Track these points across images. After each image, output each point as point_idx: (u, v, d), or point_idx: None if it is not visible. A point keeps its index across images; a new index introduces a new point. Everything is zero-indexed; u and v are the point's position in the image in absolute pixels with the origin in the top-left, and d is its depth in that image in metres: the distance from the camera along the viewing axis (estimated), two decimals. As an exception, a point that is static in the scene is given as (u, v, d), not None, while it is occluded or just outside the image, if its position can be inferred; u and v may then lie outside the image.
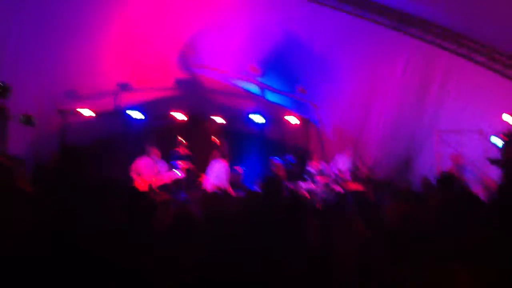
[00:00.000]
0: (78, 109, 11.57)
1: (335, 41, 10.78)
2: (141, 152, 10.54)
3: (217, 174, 10.23)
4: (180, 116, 12.32)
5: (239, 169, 10.84)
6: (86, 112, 11.65)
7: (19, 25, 9.25)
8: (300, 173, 11.27)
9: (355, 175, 10.78)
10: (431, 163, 10.94)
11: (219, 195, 5.78)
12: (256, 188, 9.61)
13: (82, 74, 10.76)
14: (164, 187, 10.28)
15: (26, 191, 3.33)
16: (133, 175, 10.18)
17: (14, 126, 9.22)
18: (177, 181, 10.75)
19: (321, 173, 10.78)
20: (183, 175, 10.68)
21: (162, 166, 10.46)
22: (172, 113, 12.26)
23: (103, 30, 10.22)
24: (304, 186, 10.43)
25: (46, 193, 3.59)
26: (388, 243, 3.35)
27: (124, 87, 11.77)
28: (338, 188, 10.14)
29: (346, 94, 11.63)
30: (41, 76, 10.29)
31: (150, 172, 10.17)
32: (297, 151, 12.40)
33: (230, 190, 9.94)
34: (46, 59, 10.09)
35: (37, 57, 9.99)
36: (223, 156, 10.56)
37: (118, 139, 12.38)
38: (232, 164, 11.09)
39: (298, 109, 12.75)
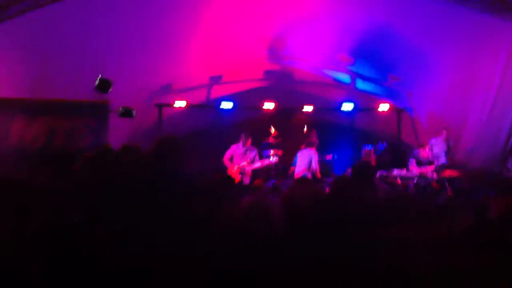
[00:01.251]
0: (174, 102, 12.02)
1: (430, 28, 10.36)
2: (233, 142, 10.77)
3: (307, 161, 10.23)
4: (270, 106, 12.43)
5: (329, 157, 10.75)
6: (181, 104, 12.08)
7: (120, 23, 9.75)
8: (392, 161, 11.01)
9: (451, 160, 10.35)
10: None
11: (308, 180, 5.71)
12: (347, 173, 9.57)
13: (176, 68, 11.16)
14: (256, 174, 10.42)
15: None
16: (226, 162, 10.42)
17: (114, 119, 9.79)
18: (268, 169, 10.87)
19: (430, 161, 10.39)
20: (274, 162, 10.77)
21: (254, 153, 10.62)
22: (262, 104, 12.40)
23: (194, 25, 10.52)
24: (397, 173, 10.16)
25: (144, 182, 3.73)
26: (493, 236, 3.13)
27: (216, 80, 12.07)
28: (433, 175, 9.77)
29: (443, 81, 11.15)
30: (139, 71, 10.80)
31: (242, 159, 10.37)
32: (389, 140, 12.11)
33: (319, 176, 9.91)
34: (144, 55, 10.58)
35: (135, 54, 10.49)
36: (311, 145, 10.52)
37: (210, 131, 12.74)
38: (322, 153, 11.04)
39: (390, 97, 12.44)
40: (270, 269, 2.42)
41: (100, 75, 9.22)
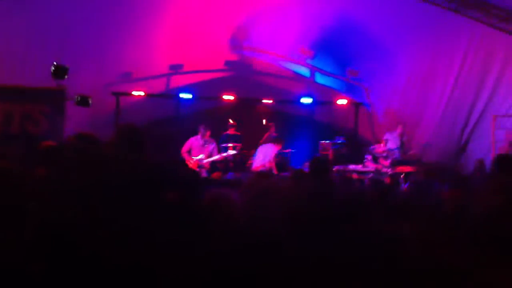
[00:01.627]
0: (132, 91, 11.84)
1: (390, 23, 10.57)
2: (192, 133, 10.70)
3: (264, 155, 10.28)
4: (230, 97, 12.41)
5: (287, 151, 10.83)
6: (139, 94, 11.91)
7: (78, 10, 9.53)
8: (350, 156, 11.19)
9: (405, 155, 10.61)
10: (487, 147, 10.64)
11: (265, 174, 5.74)
12: (304, 168, 9.67)
13: (135, 56, 11.00)
14: (214, 167, 10.40)
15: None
16: (184, 154, 10.36)
17: (71, 107, 9.57)
18: (226, 161, 10.87)
19: (386, 156, 10.60)
20: (232, 155, 10.79)
21: (213, 146, 10.60)
22: (222, 94, 12.37)
23: (157, 13, 10.38)
24: (353, 167, 10.34)
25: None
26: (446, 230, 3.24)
27: (176, 68, 11.95)
28: (388, 170, 10.00)
29: (401, 76, 11.41)
30: (96, 59, 10.59)
31: (200, 151, 10.33)
32: (347, 134, 12.30)
33: (275, 170, 9.98)
34: (101, 43, 10.37)
35: (93, 41, 10.28)
36: (273, 141, 10.56)
37: (169, 120, 12.63)
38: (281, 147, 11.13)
39: (348, 92, 12.63)
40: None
41: (55, 62, 9.00)
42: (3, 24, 9.06)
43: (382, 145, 10.61)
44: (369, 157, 10.60)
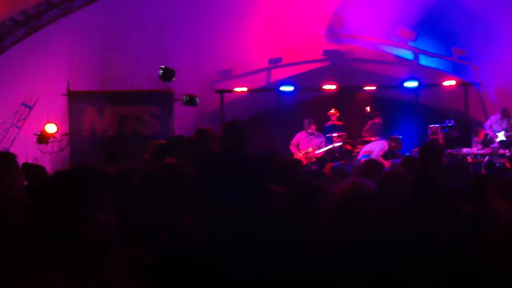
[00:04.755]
0: (234, 88, 12.12)
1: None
2: (295, 124, 10.77)
3: (370, 148, 10.10)
4: (331, 87, 12.29)
5: (395, 137, 10.51)
6: (241, 90, 12.16)
7: (180, 12, 9.92)
8: (461, 138, 10.68)
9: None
10: None
11: (373, 162, 5.60)
12: (413, 154, 9.36)
13: (236, 53, 11.24)
14: (321, 159, 10.40)
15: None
16: (292, 148, 10.50)
17: (178, 107, 10.02)
18: (332, 152, 10.82)
19: (486, 143, 10.07)
20: (338, 146, 10.73)
21: (321, 139, 10.63)
22: (323, 85, 12.28)
23: (252, 9, 10.53)
24: (466, 151, 9.86)
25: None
26: None
27: (275, 62, 12.06)
28: (505, 152, 9.41)
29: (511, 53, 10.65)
30: (199, 59, 10.96)
31: (308, 145, 10.41)
32: (457, 116, 11.73)
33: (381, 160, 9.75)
34: (204, 42, 10.72)
35: (195, 42, 10.65)
36: (389, 140, 10.32)
37: (272, 114, 12.78)
38: (387, 132, 10.88)
39: (455, 72, 12.01)
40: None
41: (163, 65, 9.44)
42: (109, 33, 9.64)
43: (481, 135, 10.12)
44: (476, 139, 10.12)
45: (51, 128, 8.97)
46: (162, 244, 2.42)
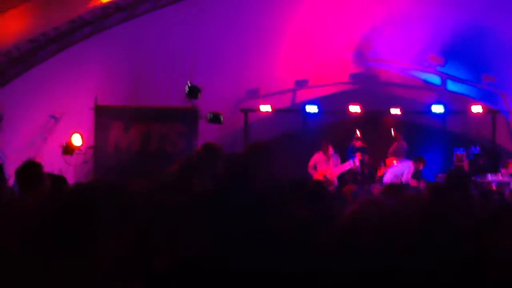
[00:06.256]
0: (259, 107, 12.15)
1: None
2: (319, 147, 10.73)
3: (400, 171, 9.92)
4: (356, 109, 12.24)
5: (420, 157, 10.36)
6: (266, 109, 12.18)
7: (207, 30, 10.03)
8: (486, 166, 10.49)
9: None
10: None
11: (397, 186, 5.54)
12: (438, 180, 9.23)
13: (263, 73, 11.29)
14: (343, 181, 10.33)
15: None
16: (311, 170, 10.45)
17: (202, 124, 10.08)
18: (353, 173, 10.74)
19: None
20: (355, 166, 10.64)
21: (336, 160, 10.57)
22: (348, 107, 12.24)
23: (281, 30, 10.60)
24: (491, 178, 9.68)
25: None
26: None
27: (301, 83, 12.08)
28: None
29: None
30: (225, 77, 11.04)
31: (326, 166, 10.36)
32: (483, 144, 11.55)
33: (411, 183, 9.62)
34: (229, 61, 10.80)
35: (221, 60, 10.74)
36: (414, 159, 10.17)
37: (296, 135, 12.76)
38: (411, 156, 10.76)
39: (484, 99, 11.86)
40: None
41: (189, 82, 9.53)
42: (138, 49, 9.80)
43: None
44: (504, 170, 9.89)
45: (77, 140, 9.11)
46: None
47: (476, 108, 11.86)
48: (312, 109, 12.24)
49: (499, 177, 9.86)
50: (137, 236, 2.16)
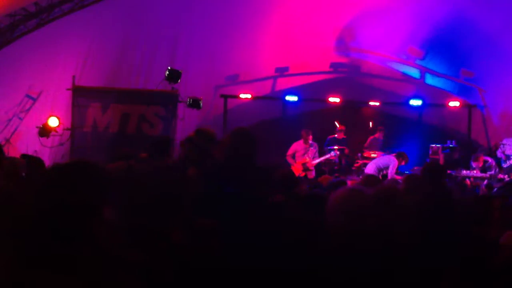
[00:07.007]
0: (239, 93, 12.12)
1: (506, 21, 9.94)
2: (298, 135, 10.75)
3: (381, 164, 9.88)
4: (336, 100, 12.28)
5: (402, 153, 10.40)
6: (246, 96, 12.15)
7: (187, 17, 9.94)
8: (461, 160, 10.65)
9: None
10: None
11: (374, 178, 5.57)
12: (413, 172, 9.30)
13: (242, 59, 11.25)
14: (320, 170, 10.37)
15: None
16: (289, 159, 10.46)
17: (182, 109, 10.01)
18: (331, 164, 10.79)
19: (484, 170, 10.02)
20: (337, 157, 10.70)
21: (314, 148, 10.59)
22: (328, 97, 12.27)
23: (263, 16, 10.56)
24: (465, 173, 9.82)
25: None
26: None
27: (282, 71, 12.06)
28: (505, 177, 9.39)
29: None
30: (206, 63, 10.97)
31: (304, 155, 10.38)
32: (459, 137, 11.72)
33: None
34: (209, 46, 10.74)
35: (202, 45, 10.67)
36: (397, 156, 10.14)
37: (274, 122, 12.75)
38: (388, 148, 10.85)
39: (461, 94, 12.02)
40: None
41: (169, 66, 9.44)
42: (118, 34, 9.66)
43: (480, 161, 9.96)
44: (474, 164, 10.00)
45: (53, 122, 8.95)
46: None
47: (453, 103, 12.03)
48: (292, 97, 12.24)
49: (474, 173, 9.98)
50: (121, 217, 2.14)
